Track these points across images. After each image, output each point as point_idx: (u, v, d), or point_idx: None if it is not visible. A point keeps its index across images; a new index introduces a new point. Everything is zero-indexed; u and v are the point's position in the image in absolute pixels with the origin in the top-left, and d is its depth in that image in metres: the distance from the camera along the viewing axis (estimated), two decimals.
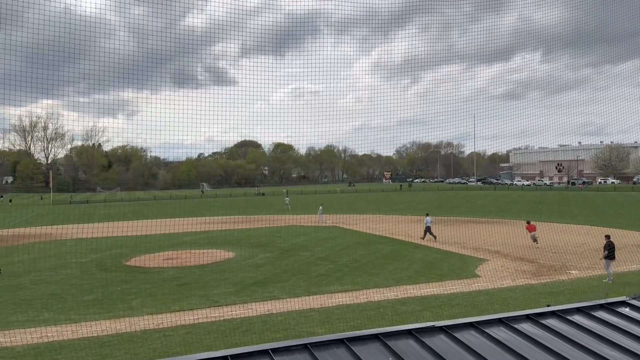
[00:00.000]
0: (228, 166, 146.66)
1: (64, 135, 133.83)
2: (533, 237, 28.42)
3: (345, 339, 4.64)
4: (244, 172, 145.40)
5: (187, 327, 14.48)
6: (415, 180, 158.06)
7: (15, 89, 13.46)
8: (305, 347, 4.48)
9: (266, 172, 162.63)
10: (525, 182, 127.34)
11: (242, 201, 79.06)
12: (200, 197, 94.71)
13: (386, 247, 29.14)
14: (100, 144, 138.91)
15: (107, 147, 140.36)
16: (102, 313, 16.14)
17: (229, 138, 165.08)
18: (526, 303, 16.09)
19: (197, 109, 16.22)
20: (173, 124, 16.42)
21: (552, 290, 18.32)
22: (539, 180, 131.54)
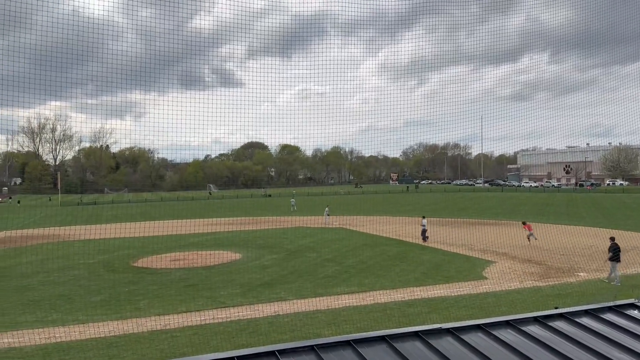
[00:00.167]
0: (235, 167, 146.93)
1: (72, 136, 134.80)
2: (529, 236, 29.55)
3: (352, 340, 4.63)
4: (251, 173, 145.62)
5: (194, 328, 14.51)
6: (422, 182, 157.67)
7: (24, 91, 13.58)
8: (311, 349, 4.48)
9: (273, 174, 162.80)
10: (533, 184, 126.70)
11: (248, 202, 79.17)
12: (207, 198, 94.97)
13: (393, 249, 29.09)
14: (108, 145, 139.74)
15: (114, 149, 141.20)
16: (110, 314, 16.22)
17: (236, 139, 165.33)
18: (534, 305, 16.01)
19: (204, 110, 16.27)
20: (180, 126, 16.48)
21: (560, 293, 18.21)
22: (546, 181, 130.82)
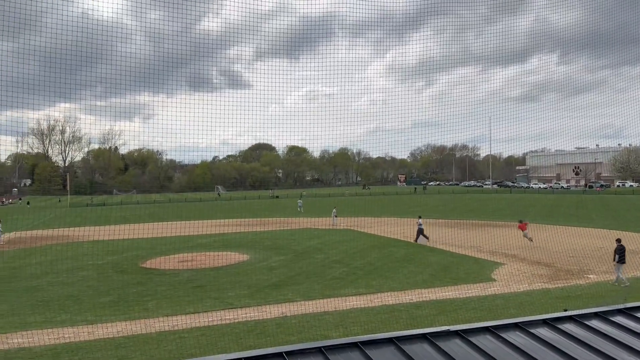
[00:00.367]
0: (242, 169, 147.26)
1: (81, 138, 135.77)
2: (525, 235, 30.62)
3: (360, 342, 4.62)
4: (258, 174, 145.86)
5: (201, 329, 14.55)
6: (430, 183, 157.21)
7: (33, 92, 13.68)
8: (319, 350, 4.47)
9: (280, 175, 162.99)
10: (542, 185, 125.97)
11: (256, 204, 79.34)
12: (215, 199, 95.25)
13: (400, 250, 29.02)
14: (116, 147, 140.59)
15: (123, 150, 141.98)
16: (118, 315, 16.29)
17: (244, 141, 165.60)
18: (543, 307, 15.90)
19: (212, 112, 16.31)
20: (188, 127, 16.54)
21: (570, 295, 18.09)
22: (555, 183, 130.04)
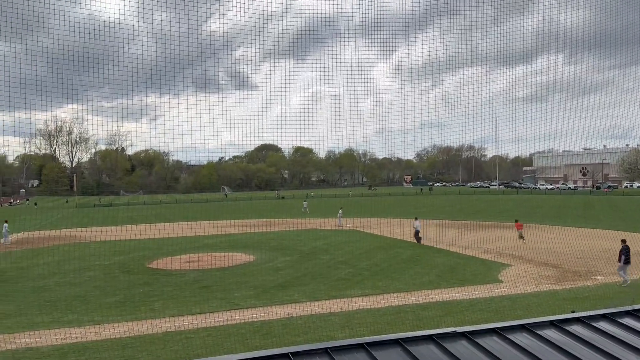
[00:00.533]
0: (248, 170, 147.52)
1: (88, 139, 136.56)
2: (520, 235, 31.66)
3: (366, 343, 4.62)
4: (264, 175, 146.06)
5: (207, 329, 14.57)
6: (436, 184, 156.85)
7: (41, 94, 13.76)
8: (325, 351, 4.47)
9: (286, 176, 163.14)
10: (549, 186, 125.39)
11: (262, 204, 79.44)
12: (221, 200, 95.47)
13: (406, 251, 28.96)
14: (123, 148, 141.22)
15: (130, 151, 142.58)
16: (125, 315, 16.35)
17: (250, 142, 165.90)
18: (550, 309, 15.81)
19: (218, 113, 16.35)
20: (195, 128, 16.59)
21: (577, 296, 17.99)
22: (562, 184, 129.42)
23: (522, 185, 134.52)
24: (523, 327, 5.17)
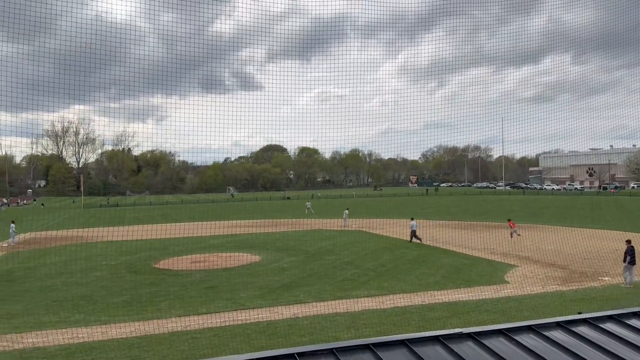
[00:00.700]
0: (254, 170, 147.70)
1: (94, 140, 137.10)
2: (512, 233, 32.95)
3: (371, 344, 4.61)
4: (270, 176, 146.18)
5: (213, 329, 14.61)
6: (442, 185, 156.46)
7: (48, 95, 13.85)
8: (331, 352, 4.47)
9: (291, 176, 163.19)
10: (555, 187, 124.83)
11: (267, 205, 79.50)
12: (227, 200, 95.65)
13: (412, 252, 28.91)
14: (130, 148, 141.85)
15: (136, 152, 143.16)
16: (131, 315, 16.41)
17: (255, 142, 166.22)
18: (557, 310, 15.75)
19: (224, 113, 16.40)
20: (201, 129, 16.64)
21: (584, 297, 17.90)
22: (569, 184, 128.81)
23: (529, 185, 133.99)
24: (529, 328, 5.15)
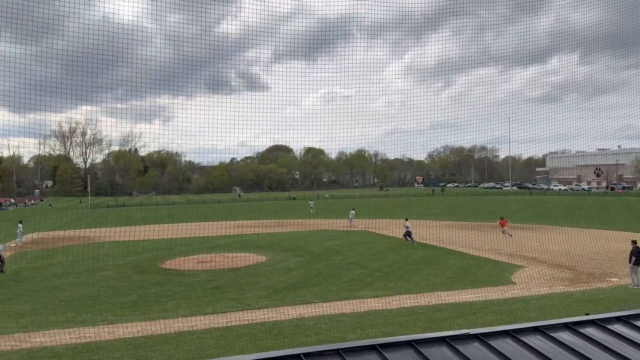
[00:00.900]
0: (260, 170, 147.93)
1: (101, 140, 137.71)
2: (504, 231, 33.47)
3: (378, 345, 4.61)
4: (275, 176, 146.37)
5: (220, 329, 14.63)
6: (448, 185, 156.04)
7: (55, 95, 13.92)
8: (337, 353, 4.47)
9: (297, 177, 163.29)
10: (562, 187, 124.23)
11: (273, 205, 79.56)
12: (233, 200, 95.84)
13: (418, 253, 28.85)
14: (136, 149, 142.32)
15: (143, 152, 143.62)
16: (138, 315, 16.47)
17: (261, 143, 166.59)
18: (564, 311, 15.67)
19: (230, 114, 16.43)
20: (207, 129, 16.68)
21: (591, 298, 17.80)
22: (576, 185, 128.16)
23: (536, 186, 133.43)
24: (537, 330, 5.13)
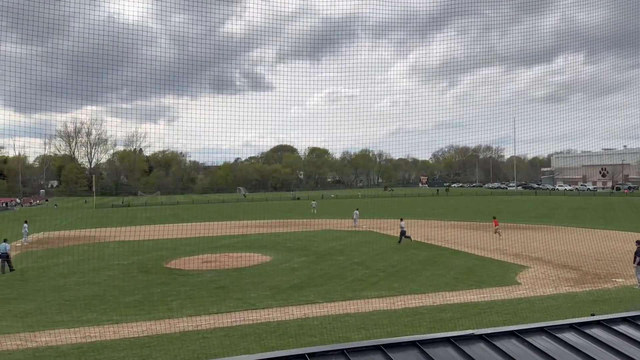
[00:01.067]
0: (264, 170, 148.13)
1: (106, 140, 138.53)
2: (496, 230, 34.26)
3: (382, 345, 4.60)
4: (280, 176, 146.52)
5: (224, 329, 14.65)
6: (453, 185, 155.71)
7: (61, 95, 13.97)
8: (341, 353, 4.47)
9: (301, 177, 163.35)
10: (568, 187, 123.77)
11: (277, 205, 79.61)
12: (237, 200, 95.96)
13: (422, 253, 28.80)
14: (141, 149, 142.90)
15: (148, 152, 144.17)
16: (143, 314, 16.51)
17: (265, 143, 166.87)
18: (569, 312, 15.61)
19: (234, 114, 16.45)
20: (211, 129, 16.70)
21: (597, 299, 17.72)
22: (581, 185, 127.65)
23: (541, 186, 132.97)
24: (542, 330, 5.11)
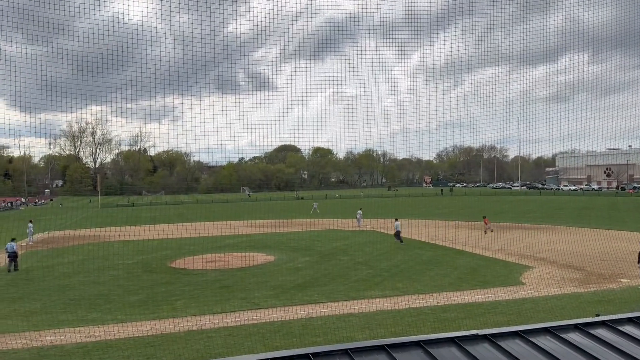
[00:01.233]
0: (268, 170, 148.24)
1: (111, 140, 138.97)
2: (486, 229, 35.67)
3: (386, 345, 4.60)
4: (284, 176, 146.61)
5: (228, 329, 14.67)
6: (457, 185, 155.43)
7: (66, 95, 14.02)
8: (345, 353, 4.47)
9: (305, 177, 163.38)
10: (572, 187, 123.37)
11: (281, 205, 79.63)
12: (241, 200, 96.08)
13: (426, 253, 28.77)
14: (145, 148, 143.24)
15: (152, 152, 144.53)
16: (147, 314, 16.55)
17: (269, 142, 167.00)
18: (574, 312, 15.57)
19: (238, 114, 16.47)
20: (215, 129, 16.72)
21: (602, 299, 17.66)
22: (586, 185, 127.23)
23: (545, 186, 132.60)
24: (547, 331, 5.10)
